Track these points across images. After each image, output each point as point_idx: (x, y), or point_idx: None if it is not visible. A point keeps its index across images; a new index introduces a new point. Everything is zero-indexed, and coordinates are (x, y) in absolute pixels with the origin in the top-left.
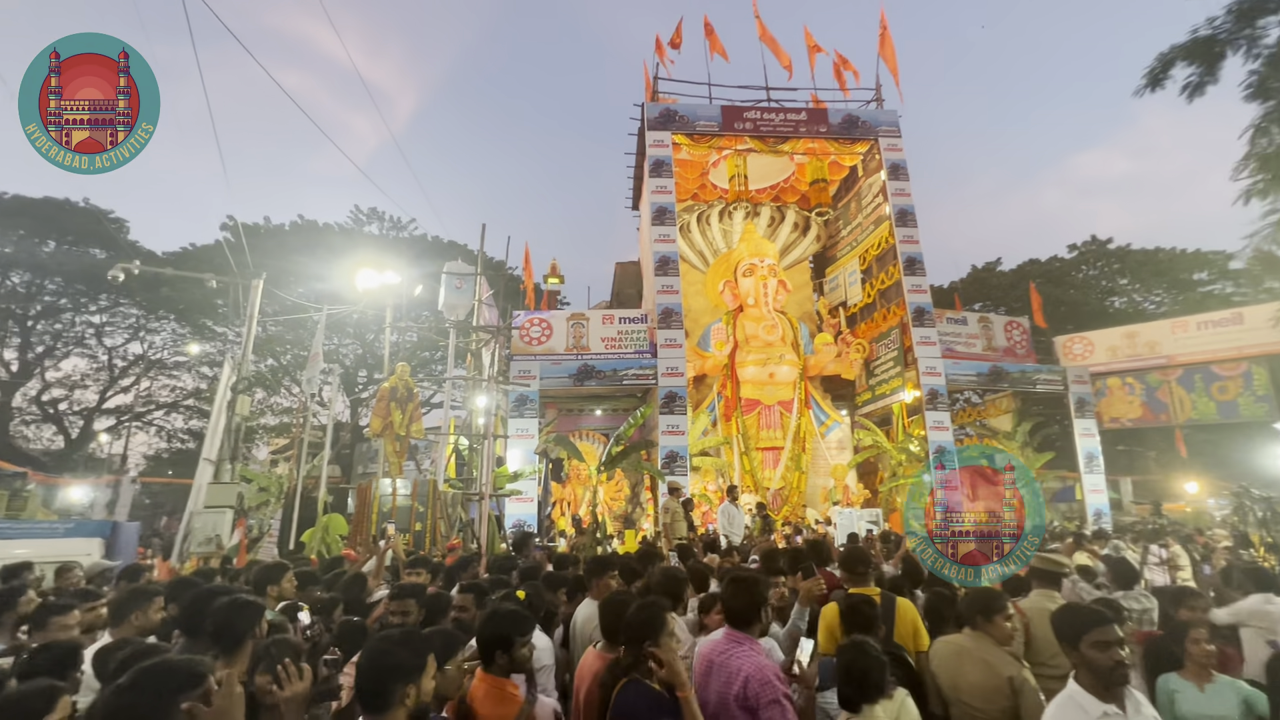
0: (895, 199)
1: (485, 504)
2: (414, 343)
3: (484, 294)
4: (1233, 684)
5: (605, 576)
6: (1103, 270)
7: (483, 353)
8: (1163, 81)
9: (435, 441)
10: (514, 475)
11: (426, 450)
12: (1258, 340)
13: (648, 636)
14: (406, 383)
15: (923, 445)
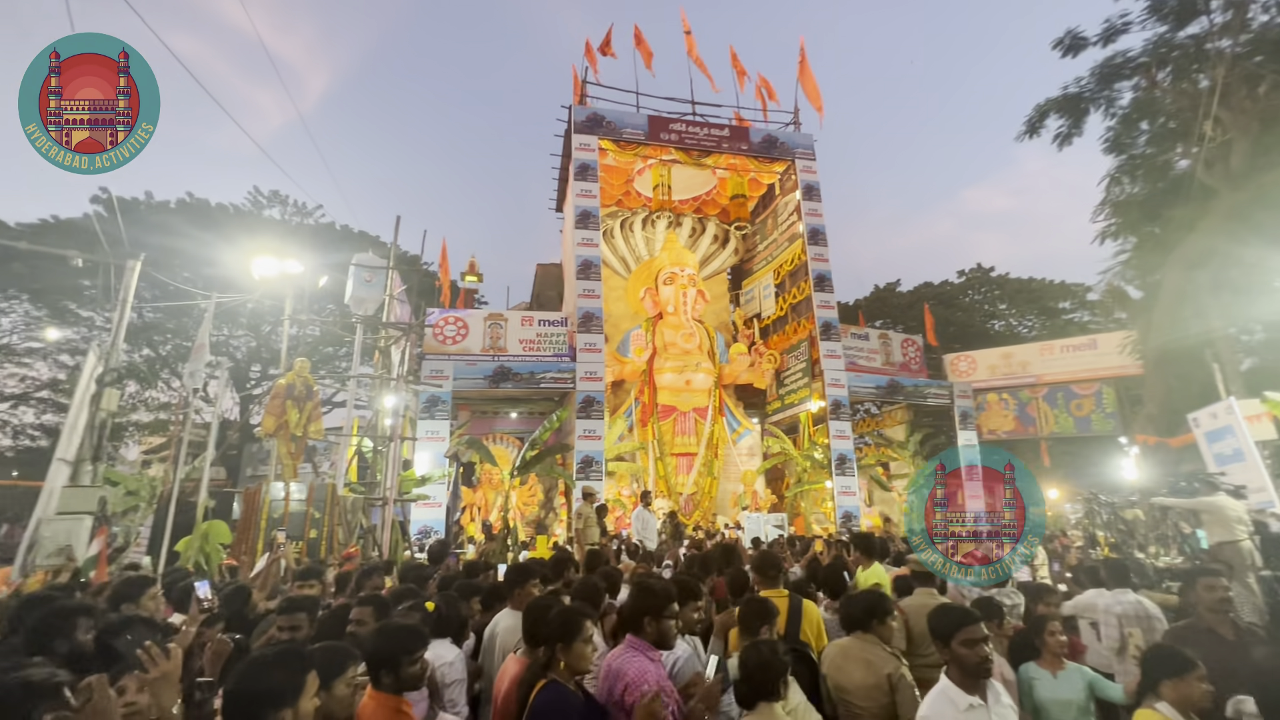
0: (808, 218)
1: (389, 509)
2: (316, 337)
3: (396, 289)
4: (1079, 670)
5: (527, 585)
6: (986, 295)
7: (392, 350)
8: (1039, 130)
9: (336, 443)
10: (421, 479)
11: (326, 452)
12: (1109, 364)
13: (564, 639)
14: (306, 379)
15: (826, 453)
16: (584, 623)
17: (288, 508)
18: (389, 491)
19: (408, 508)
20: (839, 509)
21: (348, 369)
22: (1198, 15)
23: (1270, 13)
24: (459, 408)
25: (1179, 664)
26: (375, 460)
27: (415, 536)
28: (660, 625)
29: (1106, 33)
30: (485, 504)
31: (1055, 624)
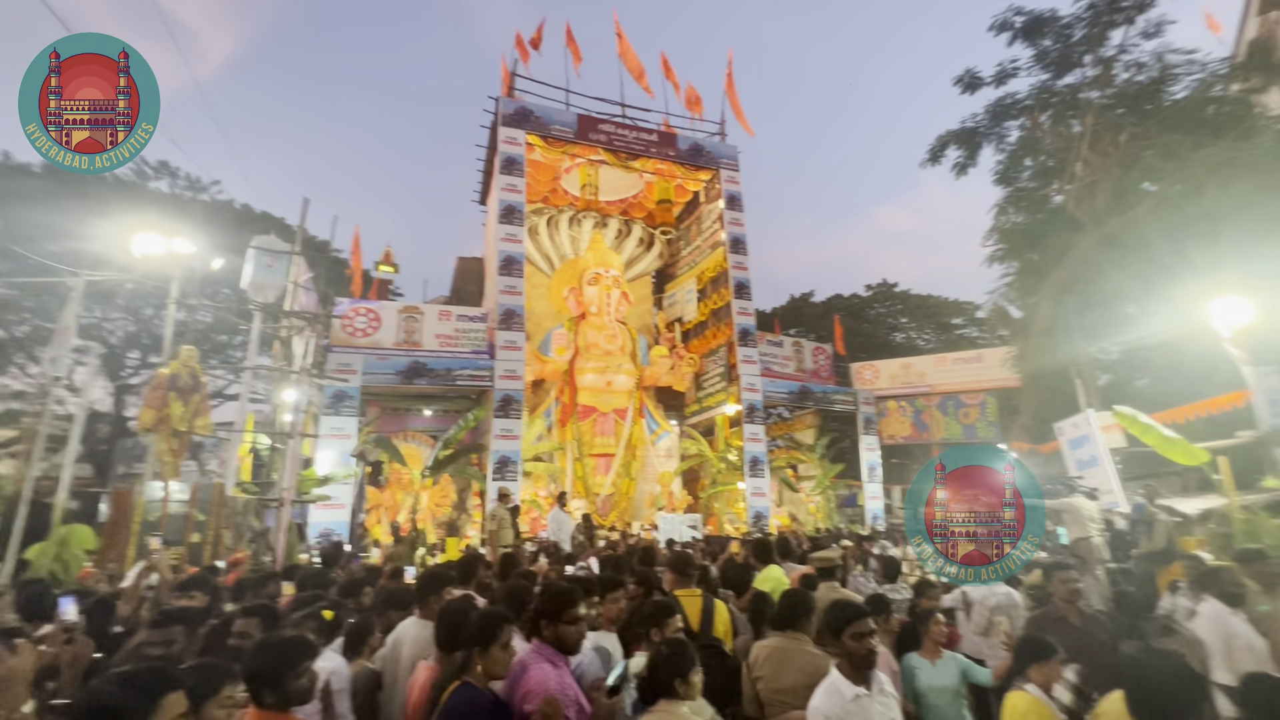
0: (731, 227)
1: (285, 511)
2: (207, 324)
3: (301, 276)
4: (955, 658)
5: (441, 594)
6: (890, 309)
7: (295, 341)
8: (940, 158)
9: (226, 439)
10: (323, 479)
11: (214, 449)
12: (992, 376)
13: (482, 643)
14: (192, 369)
15: (740, 455)
16: (504, 627)
17: (166, 509)
18: (286, 492)
19: (307, 509)
20: (750, 509)
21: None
22: (1074, 67)
23: (1130, 71)
24: (368, 404)
25: (1044, 650)
26: (272, 458)
27: (315, 540)
28: (558, 629)
29: (999, 75)
30: (394, 505)
31: (937, 616)
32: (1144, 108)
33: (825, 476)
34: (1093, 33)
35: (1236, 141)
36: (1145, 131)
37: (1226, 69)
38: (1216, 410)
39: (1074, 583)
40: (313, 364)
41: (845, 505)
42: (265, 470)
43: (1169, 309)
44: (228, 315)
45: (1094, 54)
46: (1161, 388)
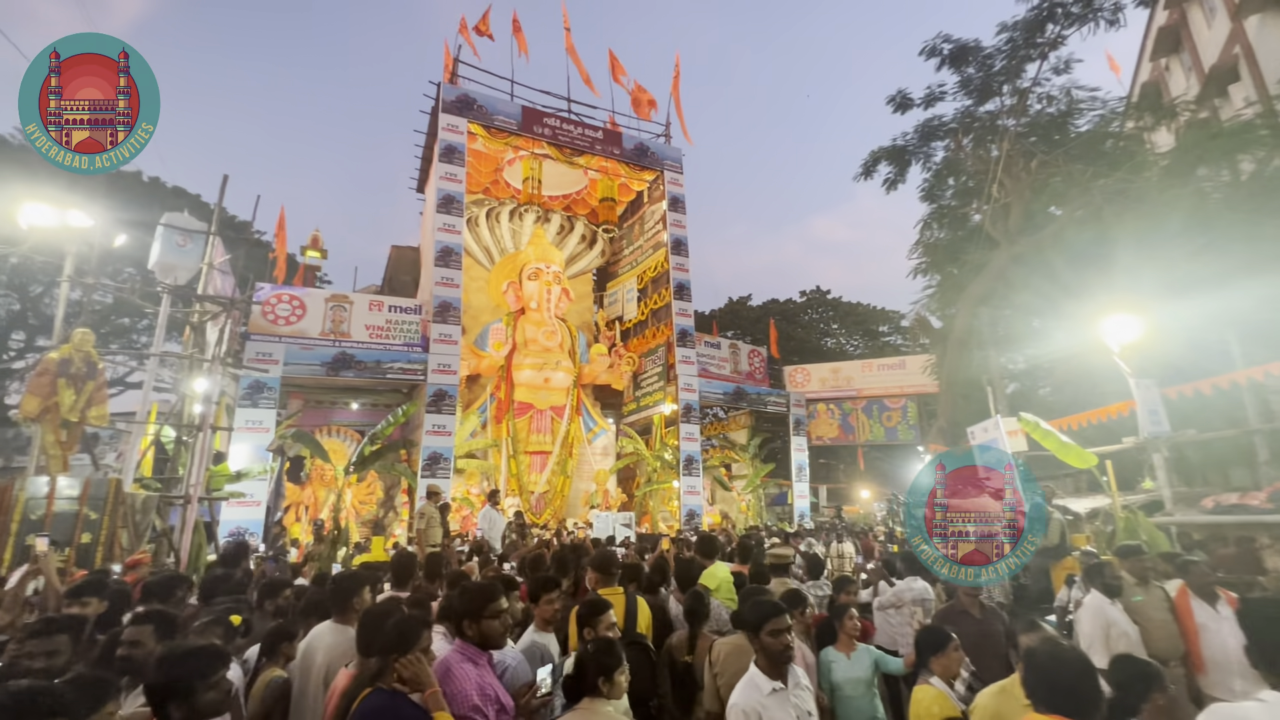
0: (673, 229)
1: (192, 509)
2: (107, 305)
3: (218, 257)
4: (868, 650)
5: (362, 596)
6: (822, 315)
7: (208, 327)
8: (872, 173)
9: (125, 431)
10: (237, 475)
11: (111, 441)
12: (914, 382)
13: (400, 650)
14: (88, 354)
15: (675, 454)
16: (423, 632)
17: (52, 507)
18: (193, 489)
19: (217, 507)
20: (684, 508)
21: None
22: (994, 95)
23: (1043, 103)
24: (290, 395)
25: (939, 640)
26: (178, 452)
27: (225, 539)
28: (480, 627)
29: (928, 98)
30: (315, 502)
31: (852, 611)
32: (1053, 137)
33: (756, 475)
34: (1011, 65)
35: (1129, 174)
36: (1053, 160)
37: (1123, 107)
38: (1106, 418)
39: None
40: (228, 352)
41: (775, 503)
42: (170, 465)
43: (1069, 325)
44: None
45: (1011, 84)
46: (1060, 396)
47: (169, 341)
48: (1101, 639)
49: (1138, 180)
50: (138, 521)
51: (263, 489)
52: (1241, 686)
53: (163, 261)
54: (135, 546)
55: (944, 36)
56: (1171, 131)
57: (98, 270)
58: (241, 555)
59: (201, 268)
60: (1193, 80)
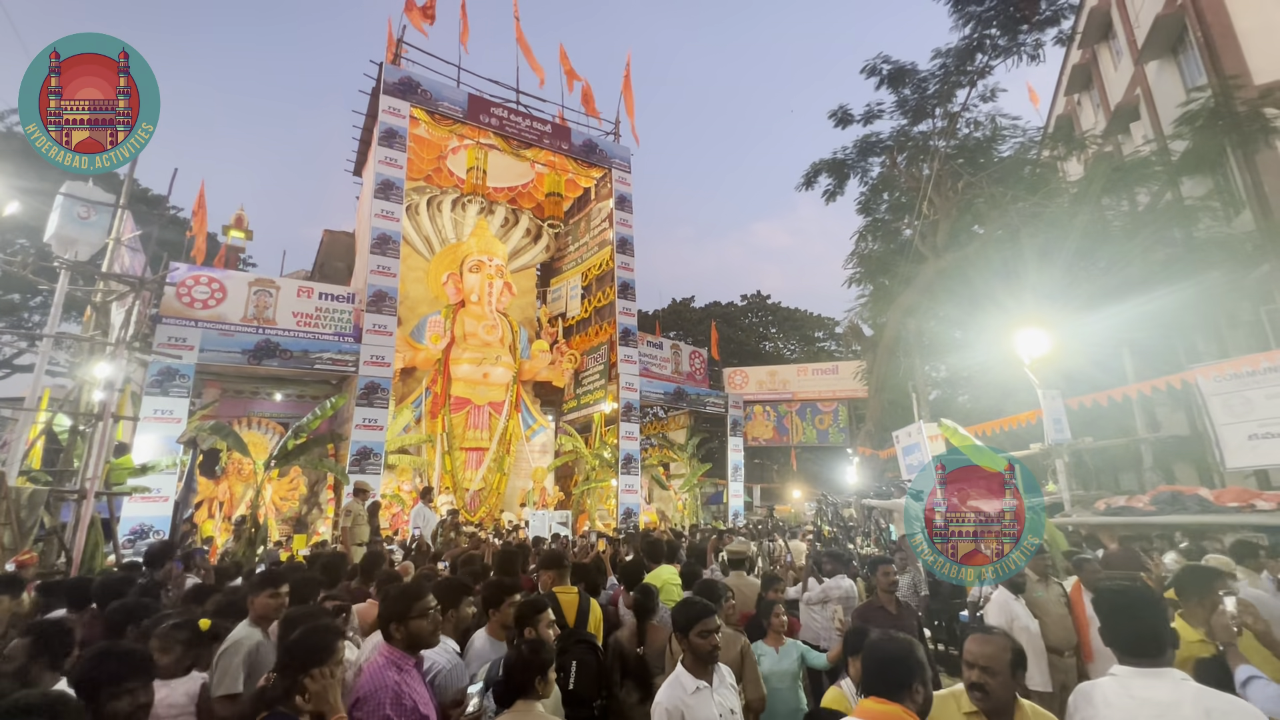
0: (619, 228)
1: (88, 505)
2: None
3: (127, 233)
4: (795, 644)
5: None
6: (761, 319)
7: (113, 308)
8: (813, 183)
9: (11, 419)
10: (141, 468)
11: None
12: (846, 387)
13: (311, 664)
14: None
15: (614, 452)
16: (336, 644)
17: None
18: (90, 482)
19: (118, 503)
20: (621, 506)
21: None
22: (927, 117)
23: (970, 127)
24: (206, 384)
25: (857, 647)
26: (73, 443)
27: (126, 537)
28: (409, 628)
29: (866, 115)
30: (231, 498)
31: (778, 607)
32: (979, 161)
33: (694, 475)
34: (943, 89)
35: (1043, 199)
36: (978, 181)
37: (1040, 137)
38: (1016, 425)
39: (893, 574)
40: (135, 335)
41: (710, 503)
42: (64, 456)
43: (987, 337)
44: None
45: (943, 107)
46: (977, 404)
47: (66, 322)
48: (1005, 630)
49: (1051, 205)
50: (23, 518)
51: (170, 483)
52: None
53: (61, 234)
54: (20, 546)
55: (884, 57)
56: (1081, 162)
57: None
58: (166, 556)
59: (107, 243)
60: (1100, 116)
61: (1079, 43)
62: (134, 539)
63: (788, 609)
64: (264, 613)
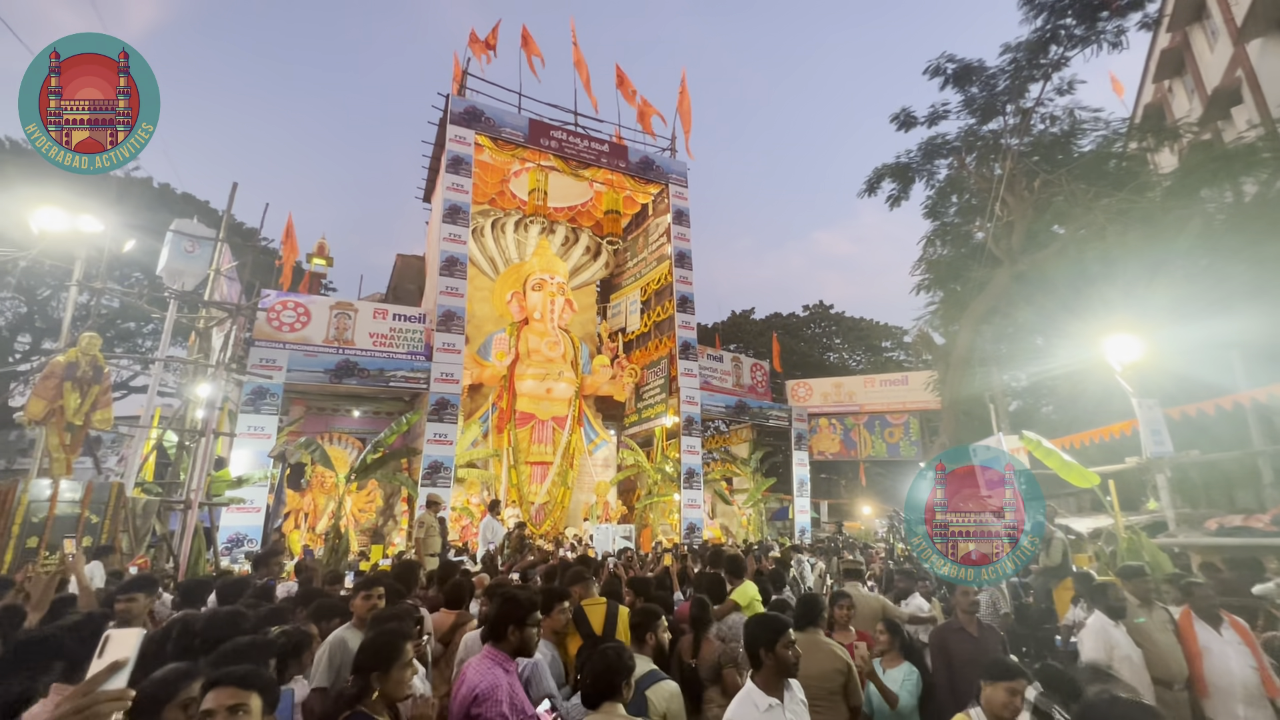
0: (677, 242)
1: (192, 514)
2: (113, 310)
3: (225, 264)
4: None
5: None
6: (825, 329)
7: (213, 333)
8: (876, 189)
9: (128, 435)
10: (237, 480)
11: (113, 445)
12: (916, 398)
13: (378, 666)
14: (94, 358)
15: (676, 467)
16: (404, 646)
17: (54, 510)
18: (194, 494)
19: (217, 513)
20: (684, 521)
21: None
22: (997, 115)
23: (1046, 122)
24: (292, 402)
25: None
26: (180, 457)
27: (223, 545)
28: (523, 633)
29: (931, 116)
30: (315, 510)
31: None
32: (1056, 157)
33: (757, 490)
34: (1014, 85)
35: (1133, 195)
36: (1056, 179)
37: (1126, 128)
38: (1108, 437)
39: (973, 595)
40: (232, 358)
41: (776, 518)
42: (171, 470)
43: (1071, 343)
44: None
45: (1015, 104)
46: (1063, 415)
47: (174, 346)
48: (1104, 661)
49: (1141, 200)
50: (138, 526)
51: (262, 495)
52: (1245, 712)
53: (171, 267)
54: (135, 551)
55: (948, 56)
56: (1175, 153)
57: (106, 275)
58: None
59: (209, 274)
60: (1195, 102)
61: (1167, 26)
62: (230, 547)
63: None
64: (362, 614)
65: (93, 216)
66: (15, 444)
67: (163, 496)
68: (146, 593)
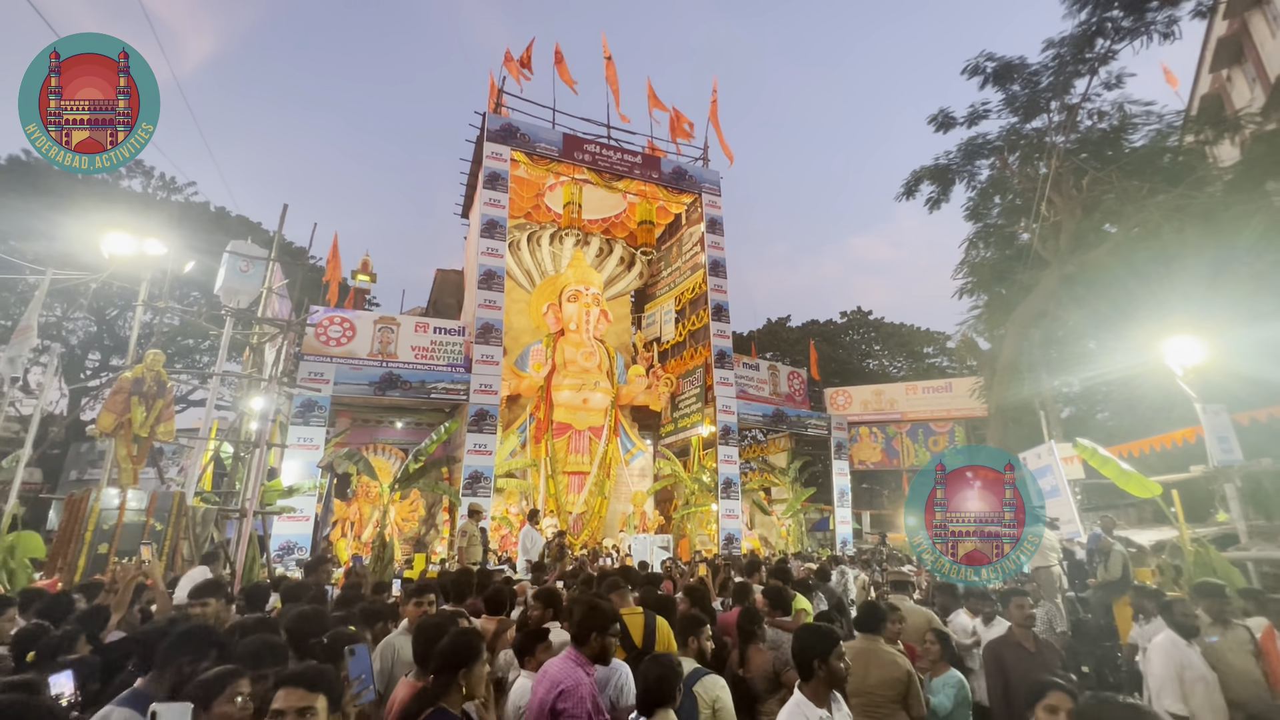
0: (711, 250)
1: (248, 522)
2: (174, 327)
3: (276, 282)
4: (958, 677)
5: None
6: (863, 336)
7: (266, 348)
8: (914, 193)
9: (188, 447)
10: (288, 490)
11: (174, 456)
12: (961, 405)
13: (461, 665)
14: (158, 373)
15: (713, 476)
16: (481, 646)
17: (122, 518)
18: (249, 502)
19: (269, 521)
20: (722, 531)
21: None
22: (1041, 112)
23: (1094, 118)
24: (339, 414)
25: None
26: (235, 468)
27: (276, 552)
28: (604, 641)
29: (971, 116)
30: (360, 519)
31: (932, 634)
32: (1105, 153)
33: (797, 500)
34: (1059, 81)
35: (1189, 190)
36: (1106, 176)
37: (1181, 121)
38: (1171, 445)
39: (1029, 608)
40: (284, 372)
41: (816, 529)
42: (228, 480)
43: (1127, 346)
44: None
45: (1060, 101)
46: (1120, 421)
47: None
48: (1174, 682)
49: (1200, 196)
50: (198, 533)
51: (311, 504)
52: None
53: (227, 286)
54: (195, 557)
55: (986, 55)
56: (1236, 145)
57: (168, 294)
58: (320, 565)
59: (262, 292)
60: (1258, 91)
61: (1224, 12)
62: (282, 554)
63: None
64: (414, 620)
65: (157, 240)
66: (86, 455)
67: (220, 505)
68: (218, 597)
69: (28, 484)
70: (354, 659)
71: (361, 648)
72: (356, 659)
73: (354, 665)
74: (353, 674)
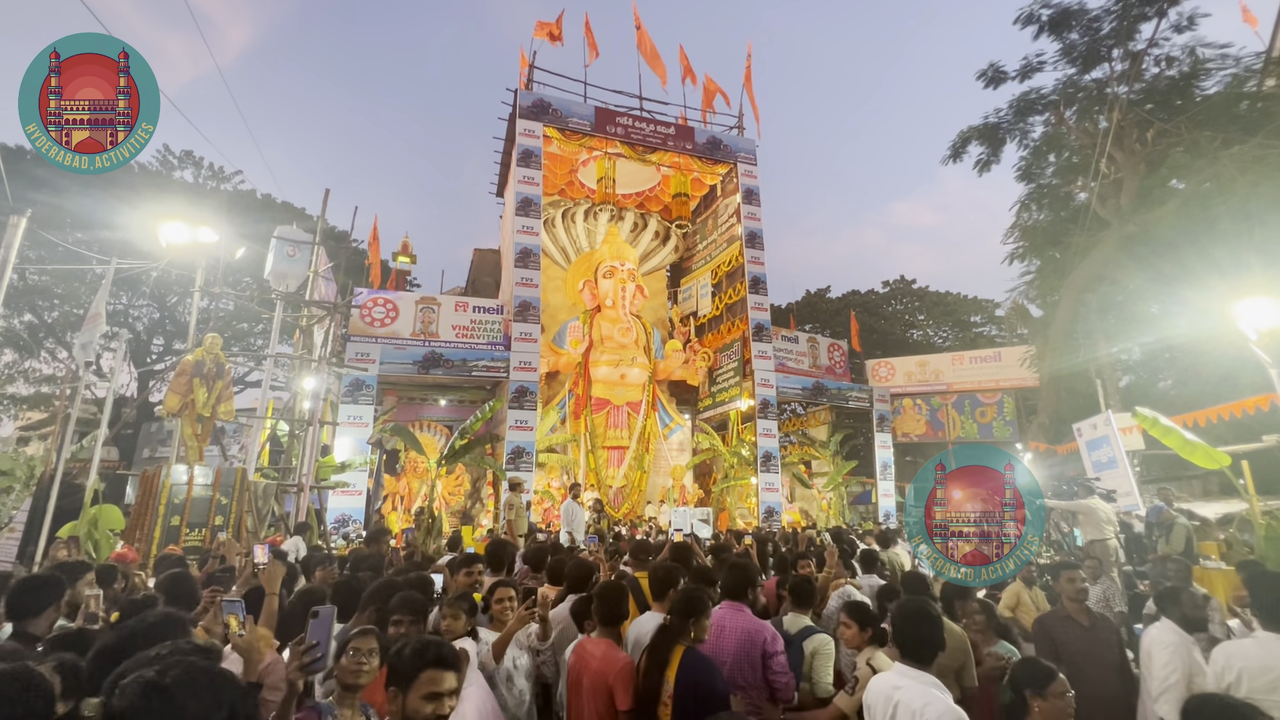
0: (747, 222)
1: (305, 496)
2: (229, 312)
3: (322, 265)
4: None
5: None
6: (906, 306)
7: (315, 330)
8: (961, 155)
9: (247, 425)
10: (341, 466)
11: (235, 434)
12: (1010, 376)
13: (698, 614)
14: (216, 356)
15: (752, 450)
16: (707, 600)
17: (191, 493)
18: (305, 478)
19: (324, 495)
20: (762, 505)
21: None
22: (1101, 61)
23: (1161, 65)
24: (385, 392)
25: (1042, 676)
26: (291, 445)
27: (332, 525)
28: (755, 594)
29: (1023, 69)
30: (409, 493)
31: (974, 605)
32: (1173, 103)
33: (838, 473)
34: (1122, 26)
35: (1269, 139)
36: (1174, 128)
37: (1261, 64)
38: (1241, 413)
39: (1081, 582)
40: (332, 353)
41: (858, 502)
42: (284, 456)
43: (1193, 310)
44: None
45: (1123, 48)
46: (1184, 390)
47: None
48: (1183, 689)
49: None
50: (260, 507)
51: (363, 479)
52: None
53: (276, 270)
54: (259, 529)
55: (1042, 1)
56: None
57: (222, 280)
58: (381, 536)
59: (309, 275)
60: None
61: None
62: (337, 527)
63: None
64: (463, 590)
65: (209, 228)
66: (156, 435)
67: (279, 480)
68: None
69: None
70: (315, 622)
71: (328, 611)
72: (318, 622)
73: (314, 629)
74: (310, 638)
